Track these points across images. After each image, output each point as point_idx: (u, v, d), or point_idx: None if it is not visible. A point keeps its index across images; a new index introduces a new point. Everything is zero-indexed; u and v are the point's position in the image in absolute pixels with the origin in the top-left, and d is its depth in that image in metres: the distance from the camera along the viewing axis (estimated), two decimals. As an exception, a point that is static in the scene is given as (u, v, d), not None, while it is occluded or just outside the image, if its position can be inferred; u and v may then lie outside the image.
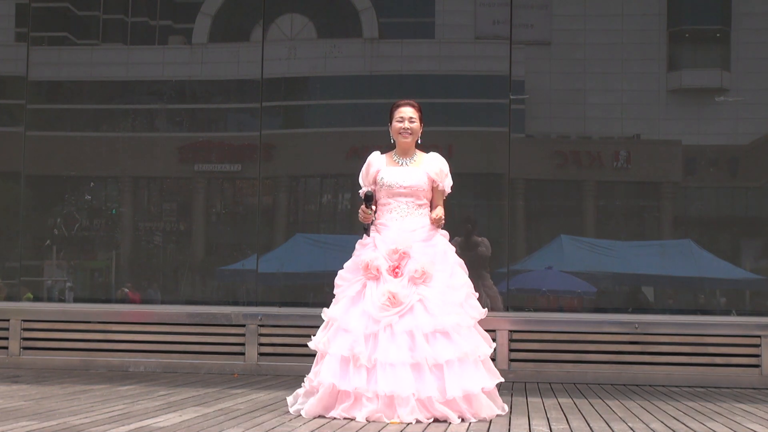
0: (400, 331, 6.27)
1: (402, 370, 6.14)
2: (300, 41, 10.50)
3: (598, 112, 10.32)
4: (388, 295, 6.33)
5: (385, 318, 6.29)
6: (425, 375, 6.16)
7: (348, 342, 6.29)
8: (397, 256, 6.51)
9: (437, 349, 6.24)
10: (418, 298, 6.38)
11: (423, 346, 6.21)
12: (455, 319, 6.38)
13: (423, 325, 6.28)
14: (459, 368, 6.25)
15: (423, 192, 6.76)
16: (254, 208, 10.41)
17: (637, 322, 9.25)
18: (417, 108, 6.83)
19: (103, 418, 6.05)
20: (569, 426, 6.11)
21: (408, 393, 6.07)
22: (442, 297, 6.43)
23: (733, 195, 10.38)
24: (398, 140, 6.83)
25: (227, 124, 10.85)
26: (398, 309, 6.32)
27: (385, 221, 6.74)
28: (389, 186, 6.73)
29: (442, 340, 6.29)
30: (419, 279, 6.43)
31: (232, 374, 9.41)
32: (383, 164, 6.83)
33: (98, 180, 10.83)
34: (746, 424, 6.35)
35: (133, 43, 10.96)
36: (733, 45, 10.24)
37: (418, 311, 6.34)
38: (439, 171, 6.82)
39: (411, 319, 6.30)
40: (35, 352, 9.85)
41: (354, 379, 6.18)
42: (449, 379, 6.17)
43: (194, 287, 10.55)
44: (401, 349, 6.20)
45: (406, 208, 6.73)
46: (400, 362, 6.16)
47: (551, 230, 10.21)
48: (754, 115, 10.02)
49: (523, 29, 10.18)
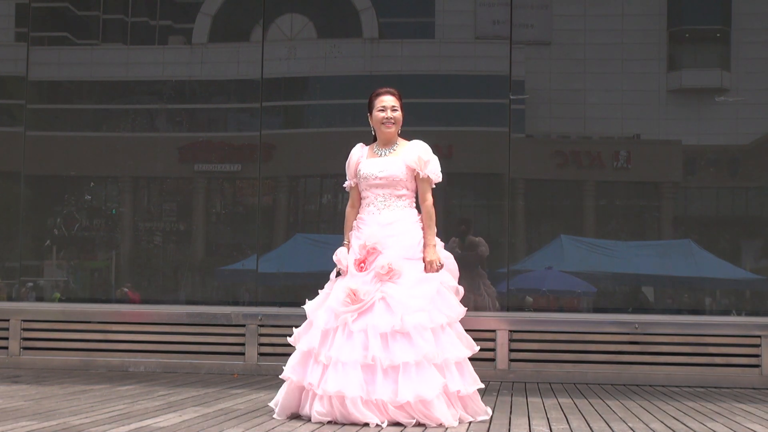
0: (357, 329, 6.04)
1: (352, 370, 5.91)
2: (300, 41, 10.50)
3: (598, 112, 10.32)
4: (348, 292, 6.12)
5: (343, 314, 6.08)
6: (377, 377, 5.91)
7: (311, 337, 6.18)
8: (365, 251, 6.27)
9: (394, 351, 5.95)
10: (381, 296, 6.13)
11: (376, 346, 5.96)
12: (418, 319, 6.04)
13: (380, 324, 6.02)
14: (416, 372, 5.93)
15: (401, 182, 6.44)
16: (254, 208, 10.41)
17: (637, 322, 9.25)
18: (398, 96, 6.56)
19: (103, 418, 6.05)
20: (569, 426, 6.11)
21: (354, 394, 5.85)
22: (408, 293, 6.13)
23: (733, 195, 10.38)
24: (380, 130, 6.55)
25: (227, 124, 10.85)
26: (357, 306, 6.08)
27: (363, 216, 6.51)
28: (365, 178, 6.47)
29: (401, 341, 5.98)
30: (385, 275, 6.17)
31: (232, 374, 9.41)
32: (364, 156, 6.60)
33: (98, 180, 10.83)
34: (746, 424, 6.36)
35: (133, 43, 10.97)
36: (733, 45, 10.24)
37: (379, 310, 6.08)
38: (417, 158, 6.44)
39: (369, 318, 6.06)
40: (35, 352, 9.85)
41: (310, 376, 6.05)
42: (402, 382, 5.88)
43: (194, 287, 10.55)
44: (355, 349, 5.98)
45: (383, 200, 6.45)
46: (352, 361, 5.94)
47: (551, 230, 10.21)
48: (754, 115, 10.02)
49: (523, 29, 10.18)
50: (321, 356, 6.06)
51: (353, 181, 6.64)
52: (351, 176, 6.66)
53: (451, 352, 6.15)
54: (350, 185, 6.69)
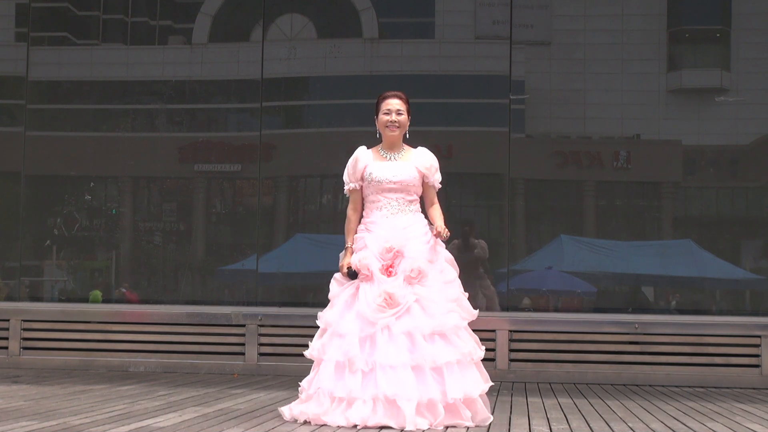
0: (398, 332, 6.04)
1: (403, 372, 5.93)
2: (300, 41, 10.50)
3: (598, 112, 10.32)
4: (385, 296, 6.10)
5: (382, 319, 6.07)
6: (426, 377, 5.96)
7: (343, 347, 6.09)
8: (391, 255, 6.26)
9: (437, 351, 6.03)
10: (415, 298, 6.15)
11: (423, 347, 6.00)
12: (454, 320, 6.19)
13: (422, 326, 6.07)
14: (459, 371, 6.07)
15: (413, 187, 6.49)
16: (254, 208, 10.41)
17: (637, 322, 9.25)
18: (405, 100, 6.57)
19: (103, 418, 6.05)
20: (569, 426, 6.11)
21: (411, 395, 5.85)
22: (439, 296, 6.22)
23: (733, 195, 10.38)
24: (385, 133, 6.55)
25: (227, 124, 10.85)
26: (395, 310, 6.09)
27: (374, 219, 6.48)
28: (378, 182, 6.45)
29: (440, 342, 6.08)
30: (415, 279, 6.20)
31: (232, 374, 9.41)
32: (370, 159, 6.55)
33: (98, 180, 10.83)
34: (746, 424, 6.36)
35: (133, 43, 10.97)
36: (733, 45, 10.25)
37: (416, 312, 6.12)
38: (429, 165, 6.53)
39: (409, 320, 6.08)
40: (35, 352, 9.85)
41: (348, 383, 5.98)
42: (450, 381, 5.97)
43: (194, 287, 10.55)
44: (401, 351, 5.99)
45: (396, 204, 6.45)
46: (401, 364, 5.94)
47: (551, 230, 10.21)
48: (754, 115, 10.02)
49: (523, 29, 10.18)
50: (357, 363, 6.01)
51: (358, 184, 6.57)
52: (356, 179, 6.56)
53: (476, 353, 6.28)
54: (354, 188, 6.59)
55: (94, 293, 10.42)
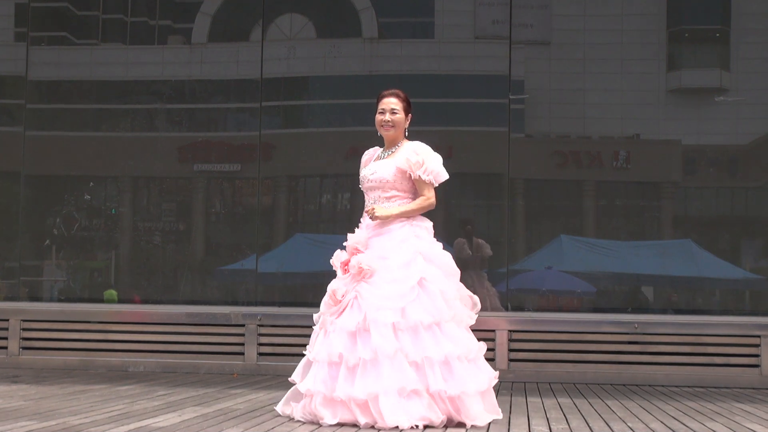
0: (332, 329, 6.05)
1: (320, 369, 6.01)
2: (299, 41, 10.50)
3: (597, 112, 10.32)
4: (330, 293, 6.19)
5: (323, 317, 6.17)
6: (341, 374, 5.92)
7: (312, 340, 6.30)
8: (348, 253, 6.30)
9: (359, 348, 5.92)
10: (354, 295, 6.12)
11: (341, 344, 5.98)
12: (381, 316, 5.96)
13: (348, 324, 6.01)
14: (372, 367, 5.89)
15: (388, 184, 6.38)
16: (254, 208, 10.41)
17: (637, 322, 9.25)
18: (402, 98, 6.51)
19: (103, 418, 6.05)
20: (569, 426, 6.11)
21: (318, 389, 5.88)
22: (378, 292, 6.07)
23: (733, 195, 10.38)
24: (380, 131, 6.55)
25: (227, 124, 10.85)
26: (336, 308, 6.13)
27: (361, 218, 6.55)
28: (361, 181, 6.56)
29: (364, 337, 5.95)
30: (357, 275, 6.15)
31: (232, 374, 9.41)
32: (370, 159, 6.66)
33: (98, 180, 10.83)
34: (746, 424, 6.36)
35: (133, 43, 10.97)
36: (733, 45, 10.25)
37: (349, 309, 6.09)
38: (405, 160, 6.36)
39: (342, 318, 6.07)
40: (35, 352, 9.85)
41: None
42: (359, 380, 5.85)
43: (194, 287, 10.55)
44: (332, 347, 5.97)
45: (372, 202, 6.44)
46: (321, 360, 6.00)
47: (551, 230, 10.21)
48: (753, 115, 10.02)
49: (522, 29, 10.18)
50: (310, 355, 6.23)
51: None
52: None
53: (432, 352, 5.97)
54: None
55: (110, 292, 10.42)
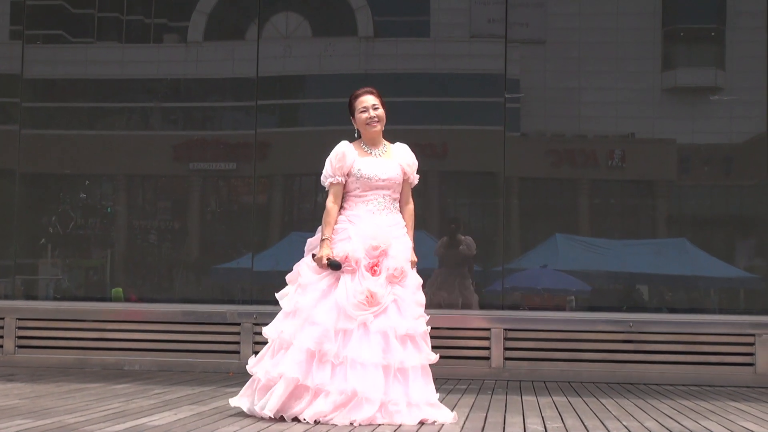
0: (375, 330, 6.06)
1: (373, 371, 5.96)
2: (295, 39, 10.51)
3: (592, 111, 10.33)
4: (367, 294, 6.11)
5: (360, 316, 6.07)
6: (390, 378, 5.99)
7: (315, 335, 6.07)
8: (377, 253, 6.23)
9: (407, 354, 6.07)
10: (393, 298, 6.17)
11: (396, 349, 6.03)
12: (423, 325, 6.22)
13: (397, 326, 6.09)
14: (422, 376, 6.12)
15: (398, 185, 6.49)
16: (249, 206, 10.41)
17: (632, 321, 9.26)
18: (377, 94, 6.54)
19: (98, 416, 6.05)
20: (564, 424, 6.12)
21: (377, 395, 5.90)
22: (412, 299, 6.25)
23: (728, 194, 10.39)
24: (366, 131, 6.51)
25: (222, 123, 10.84)
26: (375, 309, 6.10)
27: (358, 213, 6.42)
28: (368, 178, 6.41)
29: (410, 345, 6.11)
30: (397, 279, 6.21)
31: (228, 373, 9.41)
32: (355, 154, 6.49)
33: (93, 178, 10.83)
34: (740, 422, 6.37)
35: (128, 41, 10.96)
36: (728, 44, 10.26)
37: (392, 312, 6.13)
38: (412, 163, 6.56)
39: (385, 320, 6.10)
40: (30, 350, 9.85)
41: (317, 375, 5.99)
42: (413, 386, 6.03)
43: (189, 286, 10.55)
44: (374, 350, 6.01)
45: (383, 201, 6.42)
46: (372, 363, 5.97)
47: (546, 229, 10.21)
48: (748, 114, 10.04)
49: (518, 28, 10.19)
50: (329, 355, 6.03)
51: (344, 179, 6.49)
52: (343, 173, 6.46)
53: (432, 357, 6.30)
54: (339, 182, 6.48)
55: (117, 290, 10.42)
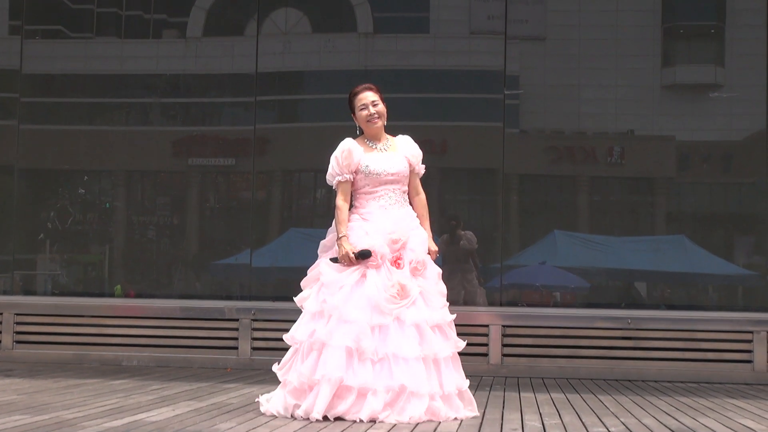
0: (409, 323, 6.07)
1: (416, 365, 5.97)
2: (294, 36, 10.50)
3: (592, 108, 10.33)
4: (398, 287, 6.11)
5: (395, 310, 6.08)
6: (431, 370, 6.05)
7: (353, 333, 6.02)
8: (398, 246, 6.26)
9: (439, 345, 6.13)
10: (419, 290, 6.21)
11: (432, 339, 6.08)
12: (448, 314, 6.29)
13: (428, 318, 6.14)
14: (453, 365, 6.18)
15: (406, 178, 6.53)
16: (248, 202, 10.41)
17: (630, 318, 9.26)
18: (376, 90, 6.53)
19: (96, 412, 6.05)
20: (562, 421, 6.12)
21: (424, 389, 5.91)
22: (436, 289, 6.32)
23: (727, 191, 10.39)
24: (368, 128, 6.50)
25: (221, 119, 10.85)
26: (406, 301, 6.12)
27: (371, 209, 6.43)
28: (377, 174, 6.41)
29: (439, 335, 6.18)
30: (419, 271, 6.27)
31: (226, 369, 9.41)
32: (361, 150, 6.49)
33: (92, 174, 10.83)
34: (738, 419, 6.37)
35: (128, 37, 10.96)
36: (728, 41, 10.26)
37: (421, 304, 6.18)
38: (417, 153, 6.59)
39: (416, 312, 6.12)
40: (28, 345, 9.84)
41: (359, 374, 5.94)
42: (446, 374, 6.08)
43: (188, 281, 10.55)
44: (412, 343, 6.02)
45: (393, 195, 6.45)
46: (414, 357, 5.99)
47: (545, 225, 10.21)
48: (747, 111, 10.04)
49: (517, 24, 10.18)
50: (368, 353, 5.99)
51: (352, 176, 6.48)
52: (350, 171, 6.45)
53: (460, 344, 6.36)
54: (348, 180, 6.47)
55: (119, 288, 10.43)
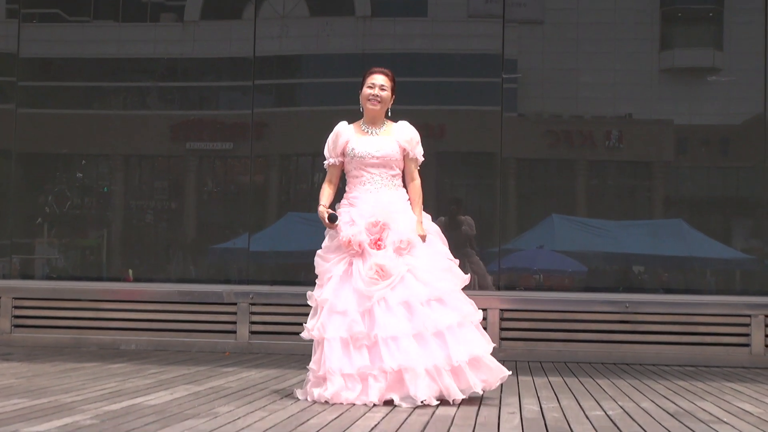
0: (395, 302, 6.07)
1: (406, 342, 5.96)
2: (292, 19, 10.47)
3: (590, 92, 10.31)
4: (376, 268, 6.11)
5: (377, 292, 6.08)
6: (429, 344, 5.99)
7: (345, 323, 6.07)
8: (377, 229, 6.25)
9: (436, 316, 6.06)
10: (407, 268, 6.17)
11: (422, 313, 6.04)
12: (447, 284, 6.23)
13: (418, 293, 6.10)
14: (460, 332, 6.09)
15: (395, 162, 6.49)
16: (246, 186, 10.40)
17: (628, 302, 9.27)
18: (391, 78, 6.55)
19: (94, 395, 6.05)
20: (560, 405, 6.12)
21: (417, 365, 5.90)
22: (430, 264, 6.26)
23: (725, 175, 10.39)
24: (366, 107, 6.53)
25: (219, 103, 10.83)
26: (389, 281, 6.10)
27: (357, 194, 6.47)
28: (361, 157, 6.43)
29: (438, 307, 6.11)
30: (405, 249, 6.22)
31: (224, 352, 9.42)
32: (352, 134, 6.53)
33: (90, 158, 10.82)
34: (736, 403, 6.38)
35: (125, 20, 10.92)
36: (726, 25, 10.24)
37: (410, 281, 6.15)
38: (410, 139, 6.51)
39: (404, 290, 6.10)
40: (26, 329, 9.85)
41: (356, 360, 5.99)
42: (452, 343, 6.00)
43: (186, 266, 10.55)
44: (400, 321, 6.02)
45: (379, 179, 6.45)
46: (403, 334, 5.97)
47: (543, 209, 10.21)
48: (745, 95, 10.02)
49: (515, 8, 10.16)
50: (363, 339, 6.02)
51: (338, 160, 6.56)
52: (337, 154, 6.55)
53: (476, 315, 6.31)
54: (334, 164, 6.58)
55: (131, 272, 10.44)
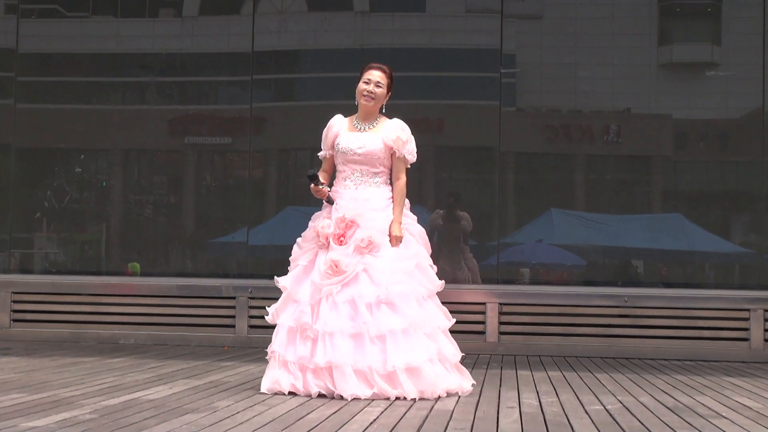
0: (342, 300, 6.07)
1: (340, 340, 5.96)
2: (291, 14, 10.47)
3: (588, 86, 10.31)
4: (330, 264, 6.13)
5: (326, 287, 6.11)
6: (365, 345, 5.96)
7: (296, 312, 6.17)
8: (344, 225, 6.27)
9: (381, 320, 6.01)
10: (363, 267, 6.15)
11: (365, 314, 6.01)
12: (402, 288, 6.13)
13: (366, 294, 6.07)
14: (403, 339, 6.00)
15: (378, 160, 6.43)
16: (245, 180, 10.40)
17: (627, 296, 9.28)
18: (388, 74, 6.52)
19: (93, 390, 6.06)
20: (558, 399, 6.13)
21: (344, 361, 5.90)
22: (389, 266, 6.17)
23: (723, 169, 10.39)
24: (360, 102, 6.52)
25: (217, 97, 10.83)
26: (340, 278, 6.11)
27: (338, 189, 6.48)
28: (344, 152, 6.43)
29: (386, 310, 6.04)
30: (365, 248, 6.19)
31: (223, 347, 9.43)
32: (343, 128, 6.54)
33: (88, 153, 10.81)
34: (735, 397, 6.39)
35: (124, 16, 10.91)
36: (724, 19, 10.24)
37: (363, 281, 6.12)
38: (396, 138, 6.42)
39: (354, 289, 6.09)
40: (25, 324, 9.85)
41: (299, 350, 6.07)
42: (390, 349, 5.95)
43: (184, 260, 10.55)
44: (342, 319, 6.02)
45: (359, 176, 6.44)
46: (339, 331, 5.98)
47: (541, 204, 10.21)
48: (744, 90, 10.02)
49: (514, 3, 10.16)
50: (309, 331, 6.08)
51: (329, 152, 6.60)
52: (327, 147, 6.60)
53: (439, 321, 6.27)
54: (325, 156, 6.64)
55: (133, 265, 10.41)
